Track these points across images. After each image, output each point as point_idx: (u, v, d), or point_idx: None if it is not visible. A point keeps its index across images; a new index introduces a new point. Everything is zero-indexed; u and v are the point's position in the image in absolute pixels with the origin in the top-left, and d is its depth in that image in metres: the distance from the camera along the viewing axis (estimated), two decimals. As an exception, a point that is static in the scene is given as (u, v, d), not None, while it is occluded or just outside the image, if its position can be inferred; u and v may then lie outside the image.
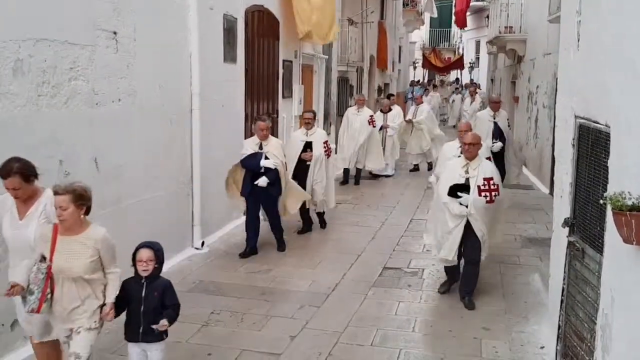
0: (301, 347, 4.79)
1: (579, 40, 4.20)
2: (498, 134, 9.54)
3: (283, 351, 4.69)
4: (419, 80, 30.92)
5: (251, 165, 6.82)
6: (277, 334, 4.99)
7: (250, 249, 7.03)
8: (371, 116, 11.25)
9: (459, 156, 6.02)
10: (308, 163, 7.80)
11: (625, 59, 3.13)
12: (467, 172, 5.54)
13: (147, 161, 6.06)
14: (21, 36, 4.35)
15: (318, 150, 7.83)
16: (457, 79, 32.06)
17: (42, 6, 4.57)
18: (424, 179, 11.55)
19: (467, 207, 5.43)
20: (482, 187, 5.44)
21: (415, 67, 32.60)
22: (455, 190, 5.48)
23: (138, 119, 5.89)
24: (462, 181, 5.53)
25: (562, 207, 4.53)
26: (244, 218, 7.30)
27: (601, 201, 3.15)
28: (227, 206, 7.56)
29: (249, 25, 8.41)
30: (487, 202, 5.43)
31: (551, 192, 8.33)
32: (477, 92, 18.63)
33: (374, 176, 12.05)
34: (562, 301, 4.31)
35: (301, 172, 7.80)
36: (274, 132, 9.70)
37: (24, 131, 4.44)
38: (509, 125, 10.12)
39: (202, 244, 7.15)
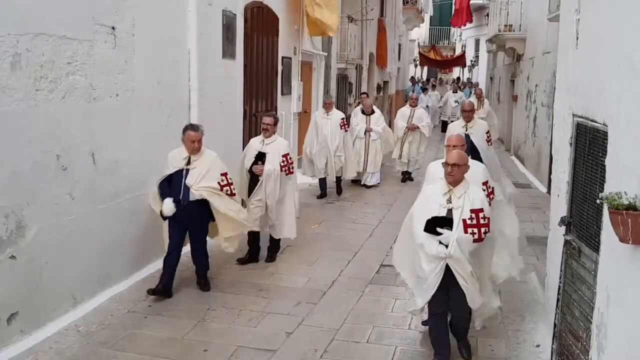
0: (297, 343, 4.79)
1: (577, 39, 4.20)
2: (470, 149, 7.81)
3: (279, 347, 4.70)
4: (418, 79, 30.81)
5: (169, 193, 5.49)
6: (273, 331, 4.99)
7: (164, 286, 5.51)
8: (342, 119, 10.02)
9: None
10: (261, 178, 6.46)
11: (623, 58, 3.13)
12: (449, 201, 4.27)
13: (145, 157, 6.05)
14: (19, 30, 4.35)
15: (272, 163, 6.42)
16: (457, 77, 31.90)
17: (40, 0, 4.56)
18: (422, 178, 11.47)
19: (447, 246, 4.16)
20: (468, 222, 4.17)
21: (416, 65, 32.51)
22: (434, 225, 4.20)
23: (136, 115, 5.88)
24: (443, 213, 4.24)
25: (559, 205, 4.54)
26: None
27: (598, 200, 3.15)
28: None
29: (248, 21, 8.40)
30: (474, 241, 4.16)
31: (549, 191, 8.28)
32: (483, 96, 16.29)
33: (356, 182, 11.16)
34: (558, 300, 4.31)
35: (252, 188, 6.54)
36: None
37: (22, 126, 4.43)
38: (488, 139, 8.30)
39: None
